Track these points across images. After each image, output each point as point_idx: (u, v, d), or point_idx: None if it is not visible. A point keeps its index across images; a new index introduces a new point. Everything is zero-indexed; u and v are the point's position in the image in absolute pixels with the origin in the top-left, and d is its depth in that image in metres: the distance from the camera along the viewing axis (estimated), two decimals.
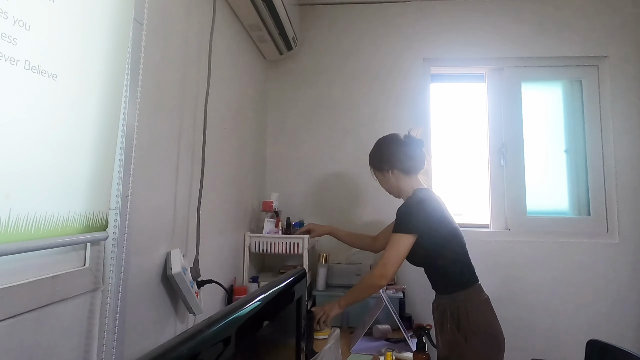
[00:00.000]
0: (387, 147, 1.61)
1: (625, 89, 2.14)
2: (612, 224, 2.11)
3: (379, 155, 1.62)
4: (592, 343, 1.42)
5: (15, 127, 0.60)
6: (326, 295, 1.88)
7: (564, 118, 2.26)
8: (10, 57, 0.58)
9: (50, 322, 0.73)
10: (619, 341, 1.38)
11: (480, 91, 2.34)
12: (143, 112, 0.98)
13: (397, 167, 1.57)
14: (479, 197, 2.27)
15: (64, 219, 0.71)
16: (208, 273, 1.36)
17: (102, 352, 0.84)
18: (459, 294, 1.43)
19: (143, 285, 1.02)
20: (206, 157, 1.28)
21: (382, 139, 1.65)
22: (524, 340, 2.05)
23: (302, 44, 2.28)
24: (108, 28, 0.80)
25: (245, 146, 1.90)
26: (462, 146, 2.34)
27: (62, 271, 0.76)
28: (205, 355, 0.54)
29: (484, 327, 1.39)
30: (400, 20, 2.28)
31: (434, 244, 1.45)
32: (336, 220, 2.19)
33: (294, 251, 1.83)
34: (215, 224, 1.52)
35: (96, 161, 0.78)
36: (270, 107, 2.32)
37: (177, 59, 1.20)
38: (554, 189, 2.24)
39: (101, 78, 0.79)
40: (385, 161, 1.59)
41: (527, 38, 2.20)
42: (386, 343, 1.63)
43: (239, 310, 0.67)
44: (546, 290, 2.07)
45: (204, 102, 1.27)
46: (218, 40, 1.45)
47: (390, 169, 1.58)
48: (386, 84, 2.26)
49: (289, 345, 0.99)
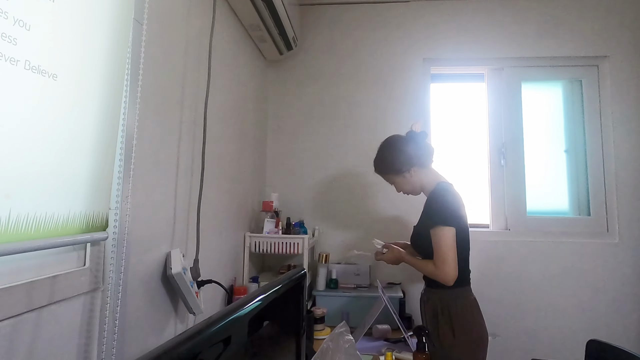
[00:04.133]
0: (397, 148, 1.56)
1: (625, 89, 2.14)
2: (612, 224, 2.11)
3: (392, 158, 1.56)
4: (592, 343, 1.42)
5: (15, 127, 0.60)
6: (326, 295, 1.88)
7: (564, 118, 2.26)
8: (10, 57, 0.58)
9: (50, 322, 0.73)
10: (619, 341, 1.38)
11: (480, 91, 2.34)
12: (143, 112, 0.98)
13: (415, 164, 1.53)
14: (479, 197, 2.27)
15: (64, 219, 0.71)
16: (208, 273, 1.36)
17: (102, 352, 0.84)
18: (451, 291, 1.44)
19: (143, 286, 1.02)
20: (206, 157, 1.28)
21: (388, 143, 1.60)
22: (524, 340, 2.05)
23: (302, 44, 2.28)
24: (108, 28, 0.80)
25: (246, 146, 1.90)
26: (462, 146, 2.34)
27: (62, 271, 0.76)
28: (205, 355, 0.54)
29: (473, 328, 1.42)
30: (400, 20, 2.28)
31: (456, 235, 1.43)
32: (336, 221, 2.19)
33: (294, 251, 1.83)
34: (215, 224, 1.52)
35: (96, 161, 0.78)
36: (270, 107, 2.32)
37: (177, 59, 1.20)
38: (554, 189, 2.24)
39: (101, 78, 0.79)
40: (402, 163, 1.53)
41: (527, 38, 2.20)
42: (386, 343, 1.63)
43: (239, 310, 0.67)
44: (546, 290, 2.07)
45: (204, 102, 1.27)
46: (218, 40, 1.45)
47: (409, 168, 1.53)
48: (386, 84, 2.26)
49: (289, 345, 0.99)
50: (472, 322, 1.42)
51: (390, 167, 1.56)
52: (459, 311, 1.42)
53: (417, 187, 1.57)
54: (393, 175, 1.58)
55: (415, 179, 1.55)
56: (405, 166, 1.53)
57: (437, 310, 1.44)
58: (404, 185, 1.58)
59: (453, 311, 1.41)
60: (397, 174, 1.56)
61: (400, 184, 1.58)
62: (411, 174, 1.54)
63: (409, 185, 1.57)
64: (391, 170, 1.57)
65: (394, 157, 1.56)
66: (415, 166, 1.54)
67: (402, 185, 1.59)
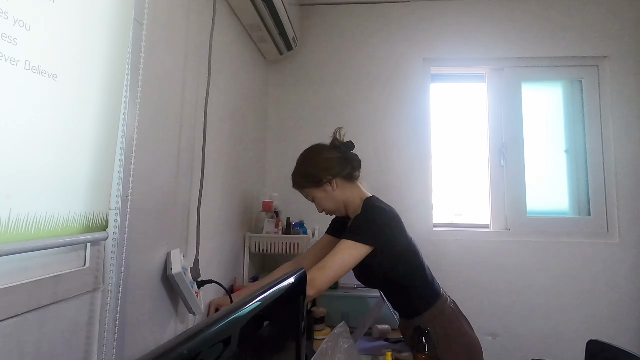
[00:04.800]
0: (319, 156, 1.40)
1: (625, 89, 2.14)
2: (612, 224, 2.11)
3: (313, 166, 1.39)
4: (592, 343, 1.42)
5: (15, 127, 0.60)
6: (326, 295, 1.88)
7: (564, 118, 2.26)
8: (10, 57, 0.58)
9: (51, 322, 0.73)
10: (619, 341, 1.38)
11: (480, 91, 2.34)
12: (143, 113, 0.98)
13: (339, 175, 1.37)
14: (479, 197, 2.27)
15: (64, 219, 0.71)
16: (208, 273, 1.36)
17: (102, 352, 0.84)
18: (425, 315, 1.33)
19: (143, 285, 1.02)
20: (206, 157, 1.28)
21: (308, 152, 1.44)
22: (524, 340, 2.05)
23: (302, 44, 2.28)
24: (108, 28, 0.80)
25: (246, 146, 1.90)
26: (462, 146, 2.34)
27: (62, 271, 0.76)
28: (205, 355, 0.54)
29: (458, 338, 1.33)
30: (400, 20, 2.28)
31: (394, 258, 1.31)
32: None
33: (294, 251, 1.83)
34: (215, 224, 1.52)
35: (96, 161, 0.78)
36: (271, 107, 2.32)
37: (177, 59, 1.20)
38: (554, 189, 2.24)
39: (101, 78, 0.79)
40: (323, 170, 1.37)
41: (527, 38, 2.20)
42: (386, 343, 1.63)
43: (239, 310, 0.67)
44: (546, 290, 2.07)
45: (204, 102, 1.27)
46: (218, 40, 1.45)
47: (332, 178, 1.36)
48: (386, 84, 2.26)
49: (289, 345, 0.99)
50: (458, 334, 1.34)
51: (309, 177, 1.39)
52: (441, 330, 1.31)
53: (339, 203, 1.40)
54: (312, 188, 1.39)
55: (336, 193, 1.38)
56: (326, 175, 1.36)
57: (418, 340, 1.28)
58: (325, 201, 1.40)
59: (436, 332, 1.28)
60: (317, 186, 1.38)
61: (321, 200, 1.40)
62: (332, 186, 1.37)
63: (330, 201, 1.39)
64: (310, 181, 1.39)
65: (313, 165, 1.39)
66: (339, 178, 1.37)
67: (323, 201, 1.40)
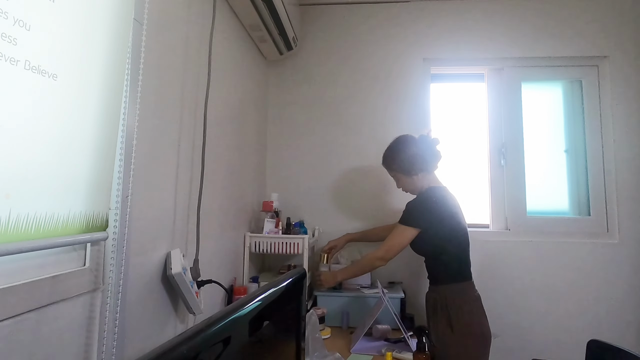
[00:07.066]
0: (414, 151, 1.62)
1: (625, 89, 2.14)
2: (612, 224, 2.11)
3: (408, 159, 1.62)
4: (592, 343, 1.42)
5: (15, 127, 0.60)
6: (326, 295, 1.88)
7: (564, 118, 2.26)
8: (10, 57, 0.58)
9: (51, 322, 0.73)
10: (619, 341, 1.38)
11: (480, 91, 2.34)
12: (143, 112, 0.98)
13: (425, 169, 1.61)
14: (479, 197, 2.27)
15: (64, 219, 0.71)
16: (208, 273, 1.36)
17: (102, 352, 0.84)
18: (452, 286, 1.52)
19: (143, 285, 1.02)
20: (206, 157, 1.28)
21: (406, 141, 1.66)
22: (524, 340, 2.05)
23: (302, 44, 2.28)
24: (108, 28, 0.80)
25: (246, 146, 1.90)
26: (462, 146, 2.33)
27: (62, 271, 0.76)
28: (205, 355, 0.54)
29: (474, 326, 1.45)
30: (400, 20, 2.28)
31: (438, 239, 1.53)
32: (336, 220, 2.19)
33: (294, 251, 1.83)
34: (215, 224, 1.52)
35: (96, 161, 0.78)
36: (271, 107, 2.32)
37: (177, 59, 1.20)
38: (554, 189, 2.24)
39: (101, 78, 0.79)
40: (415, 165, 1.61)
41: (527, 38, 2.20)
42: (386, 343, 1.63)
43: (239, 310, 0.67)
44: (546, 290, 2.07)
45: (204, 102, 1.27)
46: (218, 40, 1.45)
47: (419, 172, 1.61)
48: (386, 84, 2.26)
49: (289, 345, 0.99)
50: (471, 318, 1.44)
51: (402, 166, 1.63)
52: (458, 306, 1.45)
53: (418, 188, 1.65)
54: (402, 175, 1.65)
55: (418, 182, 1.63)
56: (417, 170, 1.61)
57: (437, 306, 1.48)
58: (408, 184, 1.66)
59: (451, 306, 1.45)
60: (407, 175, 1.63)
61: (406, 183, 1.66)
62: (419, 177, 1.62)
63: (412, 185, 1.65)
64: (402, 170, 1.64)
65: (409, 157, 1.62)
66: (424, 171, 1.62)
67: (406, 185, 1.66)
